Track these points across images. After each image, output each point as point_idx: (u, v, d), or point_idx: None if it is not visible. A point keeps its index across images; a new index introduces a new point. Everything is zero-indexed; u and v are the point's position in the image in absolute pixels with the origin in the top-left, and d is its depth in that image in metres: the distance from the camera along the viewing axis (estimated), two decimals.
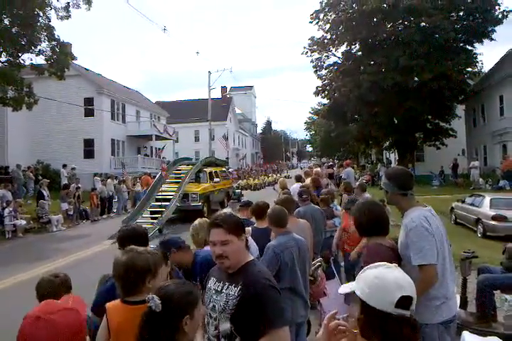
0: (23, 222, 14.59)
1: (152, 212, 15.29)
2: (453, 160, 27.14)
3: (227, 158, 36.22)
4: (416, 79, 26.08)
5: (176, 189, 16.08)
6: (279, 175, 41.50)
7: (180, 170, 18.38)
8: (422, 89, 25.43)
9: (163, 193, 16.18)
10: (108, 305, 2.29)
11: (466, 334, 2.57)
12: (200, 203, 15.72)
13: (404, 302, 1.36)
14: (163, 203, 15.35)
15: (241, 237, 2.32)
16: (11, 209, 14.34)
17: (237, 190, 23.14)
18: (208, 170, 18.26)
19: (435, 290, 2.76)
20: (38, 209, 15.61)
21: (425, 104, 25.71)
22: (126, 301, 2.22)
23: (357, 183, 10.91)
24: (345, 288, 1.55)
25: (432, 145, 29.19)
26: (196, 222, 4.08)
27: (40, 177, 19.75)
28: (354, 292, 1.46)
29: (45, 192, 16.78)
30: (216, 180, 17.88)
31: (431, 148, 29.77)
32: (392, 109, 26.80)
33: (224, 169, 21.73)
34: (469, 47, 27.39)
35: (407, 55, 25.32)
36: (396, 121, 28.43)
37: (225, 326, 2.26)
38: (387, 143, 32.14)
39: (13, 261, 10.54)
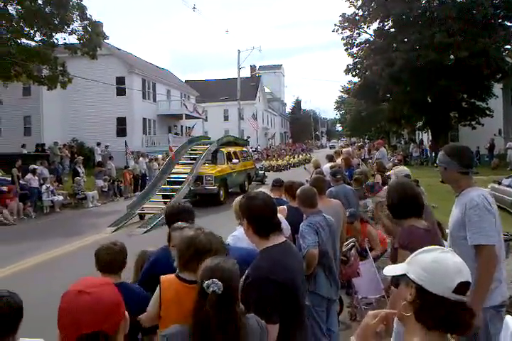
0: (60, 198, 15.14)
1: (164, 196, 14.36)
2: (489, 141, 26.34)
3: (248, 137, 35.68)
4: (451, 56, 25.15)
5: (189, 171, 14.89)
6: (305, 155, 40.90)
7: (195, 150, 17.07)
8: (457, 67, 24.54)
9: (175, 175, 15.00)
10: (163, 278, 2.37)
11: (509, 318, 2.53)
12: (215, 186, 14.54)
13: (462, 287, 1.35)
14: (175, 186, 14.15)
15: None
16: (48, 185, 14.85)
17: (260, 172, 22.25)
18: (225, 150, 17.01)
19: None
20: (74, 186, 16.12)
21: (461, 82, 24.84)
22: (181, 278, 2.30)
23: (389, 164, 10.77)
24: (394, 269, 1.52)
25: (467, 125, 28.31)
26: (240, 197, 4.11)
27: (75, 155, 20.27)
28: (404, 275, 1.43)
29: (80, 170, 17.30)
30: (235, 161, 16.64)
31: (466, 127, 28.87)
32: (425, 87, 26.01)
33: (245, 149, 20.47)
34: (508, 24, 26.13)
35: (443, 31, 24.38)
36: (430, 100, 27.65)
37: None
38: (420, 122, 31.37)
39: (51, 235, 10.91)
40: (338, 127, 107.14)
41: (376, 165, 9.90)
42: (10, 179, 14.61)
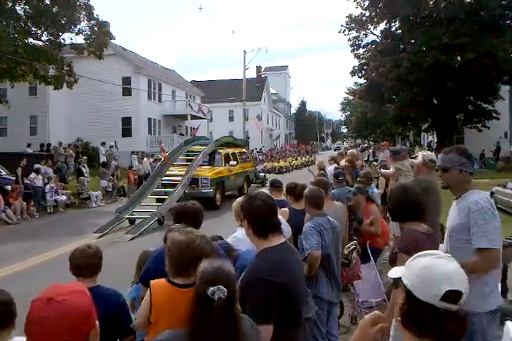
0: (64, 198, 15.18)
1: (158, 200, 13.50)
2: (495, 144, 26.19)
3: (249, 138, 35.23)
4: (459, 58, 25.02)
5: (183, 173, 14.14)
6: (309, 156, 40.65)
7: (192, 151, 16.22)
8: (464, 69, 24.42)
9: (169, 178, 14.27)
10: (153, 282, 2.32)
11: (509, 324, 2.49)
12: (211, 190, 13.92)
13: (451, 296, 1.30)
14: (169, 189, 13.48)
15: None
16: (52, 185, 14.89)
17: (261, 174, 21.43)
18: (223, 151, 16.27)
19: (489, 277, 2.66)
20: (78, 186, 16.18)
21: (467, 84, 24.71)
22: (174, 283, 2.25)
23: (391, 168, 10.69)
24: (394, 272, 1.50)
25: (473, 128, 28.18)
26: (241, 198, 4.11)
27: (80, 155, 20.35)
28: (400, 279, 1.41)
29: (84, 169, 17.35)
30: (232, 163, 16.03)
31: (472, 130, 28.74)
32: (432, 89, 25.93)
33: (244, 150, 19.49)
34: None
35: (450, 33, 24.27)
36: (436, 102, 27.54)
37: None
38: (426, 124, 31.23)
39: (52, 234, 10.94)
40: (343, 129, 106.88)
41: (380, 167, 9.85)
42: (14, 178, 14.69)
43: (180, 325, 1.84)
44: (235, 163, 16.30)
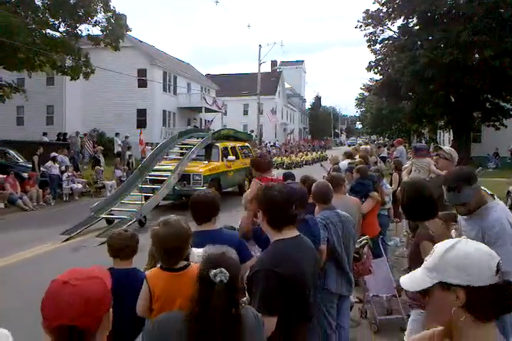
0: (80, 186, 15.43)
1: (146, 198, 11.83)
2: None
3: (252, 131, 33.95)
4: (477, 56, 24.62)
5: (173, 168, 12.69)
6: (321, 152, 40.41)
7: (188, 144, 14.72)
8: (482, 67, 24.02)
9: (158, 173, 12.87)
10: (147, 273, 2.42)
11: None
12: (204, 187, 11.99)
13: (499, 267, 1.32)
14: (156, 186, 12.08)
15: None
16: (69, 173, 15.14)
17: None
18: (221, 145, 14.91)
19: None
20: (93, 175, 16.44)
21: (485, 82, 24.33)
22: (166, 268, 2.34)
23: (408, 162, 10.65)
24: (417, 282, 1.41)
25: (490, 126, 27.80)
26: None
27: (95, 145, 20.59)
28: (437, 283, 1.36)
29: (101, 159, 17.61)
30: (230, 158, 14.52)
31: (489, 128, 28.36)
32: (449, 86, 25.59)
33: (247, 144, 17.82)
34: None
35: (468, 30, 23.88)
36: (453, 100, 27.18)
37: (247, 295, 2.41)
38: (442, 122, 30.88)
39: (66, 222, 10.79)
40: (358, 125, 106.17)
41: (395, 163, 9.81)
42: (31, 166, 14.94)
43: (178, 307, 1.92)
44: (234, 157, 14.80)
